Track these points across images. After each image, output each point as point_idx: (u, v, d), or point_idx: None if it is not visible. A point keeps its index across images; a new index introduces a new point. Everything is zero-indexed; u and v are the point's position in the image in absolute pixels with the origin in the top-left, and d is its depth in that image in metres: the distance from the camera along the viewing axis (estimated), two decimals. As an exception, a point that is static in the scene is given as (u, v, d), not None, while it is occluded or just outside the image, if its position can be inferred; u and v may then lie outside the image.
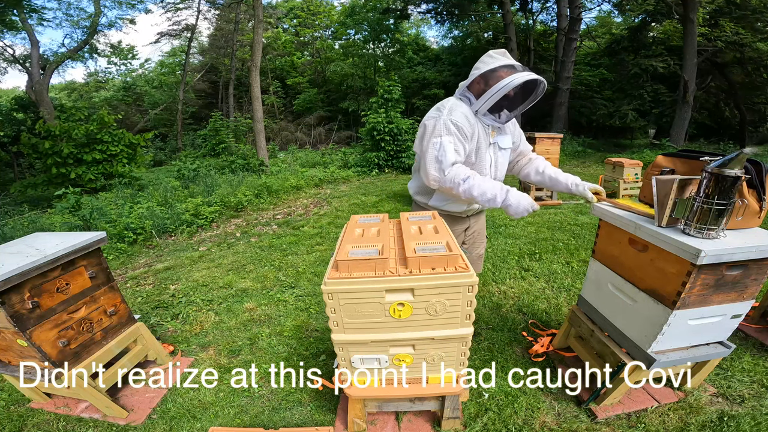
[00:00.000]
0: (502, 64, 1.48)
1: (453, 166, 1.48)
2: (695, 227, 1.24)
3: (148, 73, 20.48)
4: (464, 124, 1.50)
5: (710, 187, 1.19)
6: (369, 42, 17.26)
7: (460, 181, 1.47)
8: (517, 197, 1.46)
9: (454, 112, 1.51)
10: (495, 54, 1.53)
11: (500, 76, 1.46)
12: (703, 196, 1.20)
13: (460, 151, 1.51)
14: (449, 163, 1.48)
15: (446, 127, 1.49)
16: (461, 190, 1.48)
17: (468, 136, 1.52)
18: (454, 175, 1.48)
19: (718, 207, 1.18)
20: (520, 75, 1.43)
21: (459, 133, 1.50)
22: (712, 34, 10.86)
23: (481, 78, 1.52)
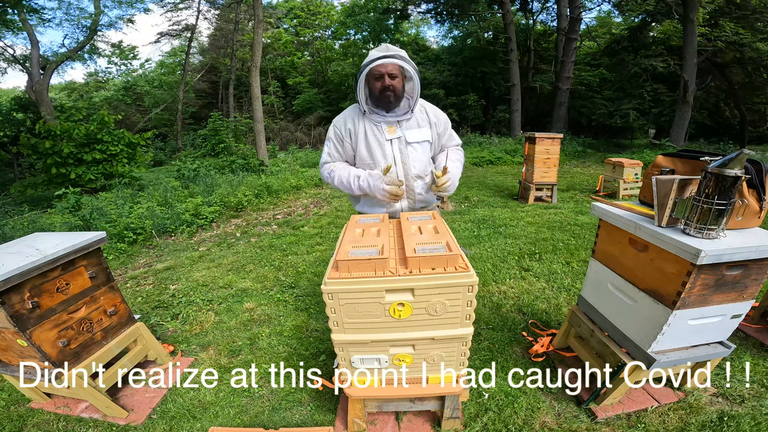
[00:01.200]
0: (372, 57, 1.47)
1: (324, 166, 1.70)
2: (695, 227, 1.23)
3: (148, 73, 20.49)
4: (340, 129, 1.64)
5: (710, 187, 1.18)
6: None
7: (326, 176, 1.68)
8: (367, 179, 1.57)
9: (338, 119, 1.67)
10: (372, 50, 1.52)
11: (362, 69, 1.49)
12: (703, 196, 1.20)
13: (332, 153, 1.69)
14: (321, 163, 1.72)
15: (328, 133, 1.70)
16: (331, 183, 1.67)
17: (344, 140, 1.65)
18: (323, 171, 1.70)
19: (718, 207, 1.18)
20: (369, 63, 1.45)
21: (334, 138, 1.66)
22: (712, 34, 10.86)
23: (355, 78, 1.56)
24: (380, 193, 1.54)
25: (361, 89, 1.53)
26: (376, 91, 1.53)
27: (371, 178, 1.57)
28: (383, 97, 1.54)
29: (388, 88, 1.50)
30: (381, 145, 1.61)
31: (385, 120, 1.60)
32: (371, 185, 1.56)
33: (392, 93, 1.53)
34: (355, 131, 1.62)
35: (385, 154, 1.61)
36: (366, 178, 1.58)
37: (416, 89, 1.57)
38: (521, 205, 5.12)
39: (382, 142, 1.60)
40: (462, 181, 7.24)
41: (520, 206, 5.07)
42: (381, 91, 1.52)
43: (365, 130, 1.60)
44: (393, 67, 1.48)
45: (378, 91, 1.52)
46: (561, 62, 12.46)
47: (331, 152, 1.68)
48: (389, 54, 1.45)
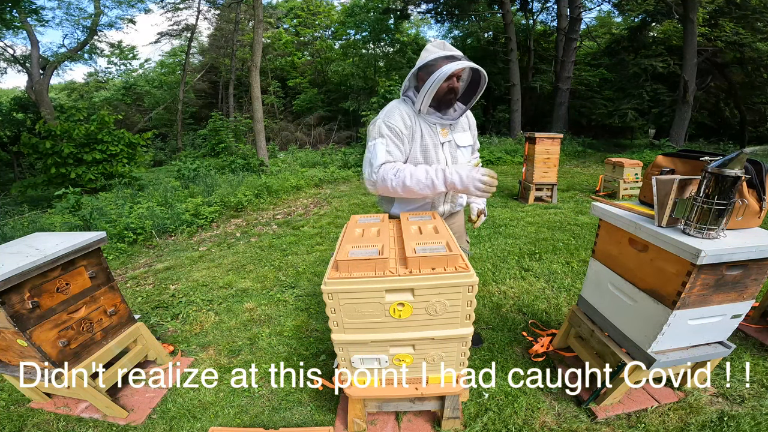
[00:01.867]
0: (439, 55, 1.39)
1: (382, 166, 1.43)
2: (695, 227, 1.24)
3: (148, 73, 20.49)
4: (399, 126, 1.45)
5: (710, 187, 1.18)
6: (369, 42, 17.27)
7: (391, 177, 1.41)
8: (456, 171, 1.36)
9: (391, 115, 1.47)
10: (431, 47, 1.45)
11: (434, 68, 1.38)
12: (703, 196, 1.20)
13: (393, 152, 1.46)
14: (379, 163, 1.43)
15: (379, 130, 1.46)
16: (395, 185, 1.41)
17: (404, 138, 1.47)
18: (384, 172, 1.42)
19: (718, 207, 1.18)
20: (453, 64, 1.35)
21: (392, 135, 1.45)
22: (712, 34, 10.86)
23: (417, 73, 1.46)
24: (475, 186, 1.34)
25: (433, 89, 1.39)
26: (441, 93, 1.44)
27: (462, 169, 1.37)
28: (447, 100, 1.47)
29: (453, 90, 1.46)
30: (435, 147, 1.52)
31: (441, 122, 1.52)
32: (463, 177, 1.35)
33: (454, 95, 1.49)
34: (413, 131, 1.48)
35: (438, 158, 1.53)
36: (455, 171, 1.37)
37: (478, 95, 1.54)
38: (521, 205, 5.12)
39: (437, 144, 1.52)
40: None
41: (520, 206, 5.07)
42: (447, 93, 1.44)
43: (422, 131, 1.49)
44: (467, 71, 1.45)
45: (444, 92, 1.45)
46: (561, 62, 12.46)
47: (390, 150, 1.45)
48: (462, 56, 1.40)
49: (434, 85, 1.38)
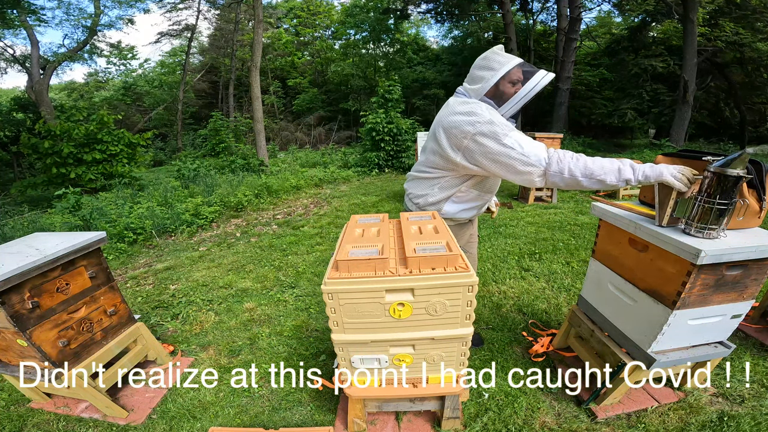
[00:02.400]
0: (518, 62, 1.39)
1: (553, 150, 1.32)
2: (696, 227, 1.23)
3: (148, 73, 20.49)
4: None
5: (712, 186, 1.18)
6: (369, 42, 17.27)
7: (569, 159, 1.28)
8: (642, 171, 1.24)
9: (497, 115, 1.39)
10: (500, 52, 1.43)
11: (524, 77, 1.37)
12: (705, 195, 1.20)
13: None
14: (543, 148, 1.32)
15: (507, 125, 1.36)
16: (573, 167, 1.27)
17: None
18: (560, 155, 1.30)
19: (719, 207, 1.18)
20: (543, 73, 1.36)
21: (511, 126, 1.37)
22: (712, 34, 10.86)
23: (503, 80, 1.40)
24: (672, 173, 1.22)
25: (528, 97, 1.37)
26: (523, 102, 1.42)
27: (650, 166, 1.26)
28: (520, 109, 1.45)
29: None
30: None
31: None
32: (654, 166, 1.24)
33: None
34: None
35: None
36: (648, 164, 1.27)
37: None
38: (521, 205, 5.13)
39: None
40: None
41: (520, 206, 5.07)
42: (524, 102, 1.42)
43: None
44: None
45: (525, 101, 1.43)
46: (561, 62, 12.45)
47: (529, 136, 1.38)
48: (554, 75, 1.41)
49: (531, 92, 1.37)
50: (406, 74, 16.36)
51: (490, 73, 1.41)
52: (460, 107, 1.42)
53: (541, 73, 1.37)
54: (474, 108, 1.39)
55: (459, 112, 1.41)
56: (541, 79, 1.36)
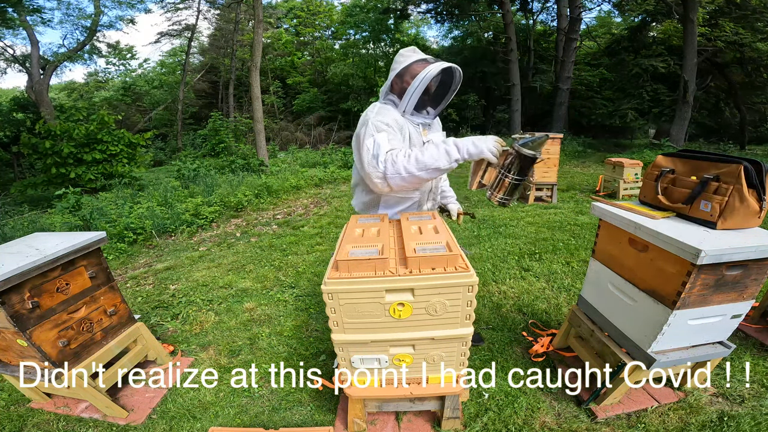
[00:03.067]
0: (415, 59, 1.47)
1: (389, 153, 1.37)
2: (495, 195, 1.39)
3: (147, 73, 20.49)
4: (391, 122, 1.46)
5: (513, 163, 1.32)
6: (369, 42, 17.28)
7: (402, 158, 1.34)
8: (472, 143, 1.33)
9: (382, 114, 1.47)
10: (405, 52, 1.52)
11: (416, 71, 1.44)
12: (506, 170, 1.33)
13: (395, 142, 1.42)
14: (384, 152, 1.37)
15: (376, 127, 1.43)
16: (407, 165, 1.33)
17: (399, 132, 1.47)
18: (393, 157, 1.35)
19: (514, 181, 1.33)
20: (435, 65, 1.42)
21: (389, 129, 1.44)
22: (712, 34, 10.85)
23: (399, 77, 1.50)
24: (489, 149, 1.32)
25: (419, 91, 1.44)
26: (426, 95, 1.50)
27: (472, 137, 1.35)
28: (425, 101, 1.53)
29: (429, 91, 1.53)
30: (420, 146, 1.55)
31: (423, 122, 1.58)
32: (475, 142, 1.32)
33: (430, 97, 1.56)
34: (405, 131, 1.50)
35: None
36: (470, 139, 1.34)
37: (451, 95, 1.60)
38: (521, 205, 5.12)
39: (421, 144, 1.57)
40: (462, 181, 7.23)
41: (520, 206, 5.07)
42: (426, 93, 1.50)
43: (410, 132, 1.53)
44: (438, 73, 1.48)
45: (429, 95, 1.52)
46: (561, 62, 12.45)
47: (392, 139, 1.42)
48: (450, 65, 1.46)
49: (421, 86, 1.44)
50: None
51: (392, 72, 1.51)
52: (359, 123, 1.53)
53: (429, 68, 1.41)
54: (368, 110, 1.52)
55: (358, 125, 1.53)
56: (428, 72, 1.41)
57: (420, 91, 1.44)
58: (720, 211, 1.29)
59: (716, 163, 1.35)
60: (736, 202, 1.26)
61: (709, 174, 1.34)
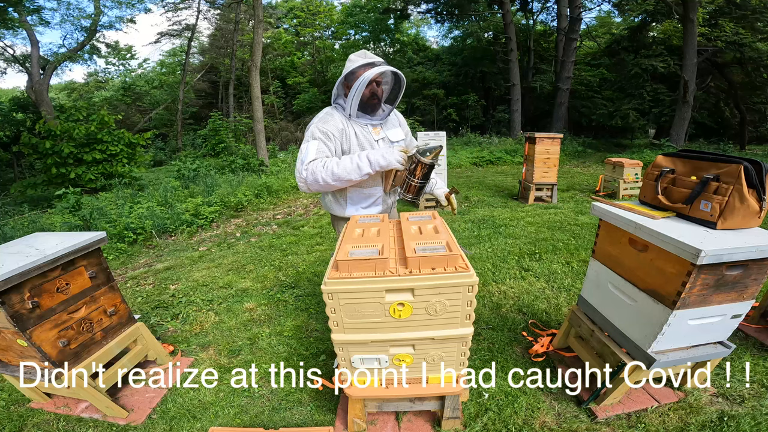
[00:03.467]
0: (360, 64, 1.55)
1: (312, 163, 1.54)
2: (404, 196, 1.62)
3: (147, 73, 20.49)
4: (331, 129, 1.58)
5: (417, 169, 1.53)
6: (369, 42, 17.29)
7: (320, 168, 1.52)
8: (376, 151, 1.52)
9: (324, 120, 1.61)
10: (354, 56, 1.60)
11: (357, 76, 1.54)
12: (411, 175, 1.55)
13: (322, 150, 1.57)
14: (309, 160, 1.55)
15: (312, 134, 1.59)
16: (324, 176, 1.51)
17: (336, 140, 1.59)
18: (313, 167, 1.53)
19: (419, 184, 1.56)
20: (372, 70, 1.51)
21: (324, 137, 1.58)
22: (712, 34, 10.86)
23: (343, 82, 1.61)
24: (397, 160, 1.50)
25: (357, 95, 1.56)
26: (366, 97, 1.60)
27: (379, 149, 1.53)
28: (371, 103, 1.63)
29: (375, 94, 1.62)
30: (371, 144, 1.68)
31: (371, 122, 1.69)
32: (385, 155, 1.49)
33: (377, 99, 1.64)
34: (348, 134, 1.63)
35: None
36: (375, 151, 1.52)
37: (400, 95, 1.73)
38: (521, 205, 5.13)
39: (372, 142, 1.68)
40: (462, 181, 7.24)
41: (520, 206, 5.07)
42: (371, 97, 1.60)
43: (355, 132, 1.65)
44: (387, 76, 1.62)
45: (368, 96, 1.60)
46: (561, 62, 12.45)
47: (321, 149, 1.57)
48: (379, 62, 1.57)
49: (358, 91, 1.54)
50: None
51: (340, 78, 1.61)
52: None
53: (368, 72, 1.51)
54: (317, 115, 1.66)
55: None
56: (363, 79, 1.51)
57: (359, 95, 1.56)
58: (720, 211, 1.29)
59: (716, 163, 1.35)
60: (736, 202, 1.26)
61: (709, 174, 1.35)
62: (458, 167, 9.27)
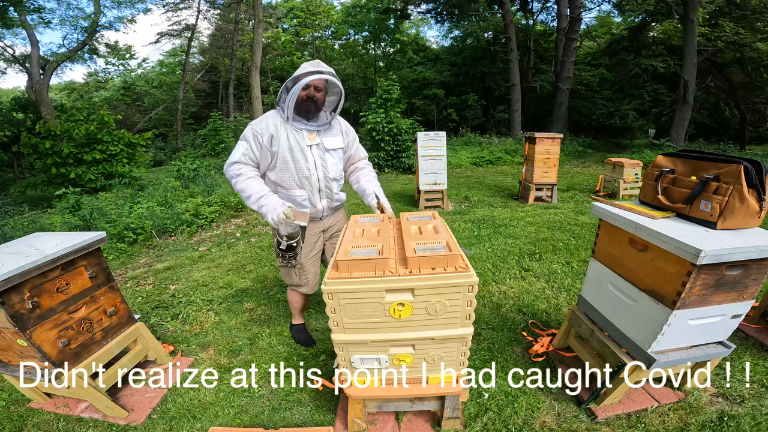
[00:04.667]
0: (306, 71, 1.63)
1: (234, 164, 1.69)
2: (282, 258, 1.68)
3: (147, 73, 20.49)
4: (262, 131, 1.67)
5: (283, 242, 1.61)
6: (369, 42, 17.29)
7: (233, 175, 1.69)
8: (273, 209, 1.59)
9: (260, 121, 1.71)
10: (305, 65, 1.67)
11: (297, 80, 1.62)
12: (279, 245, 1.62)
13: (247, 153, 1.69)
14: (233, 161, 1.70)
15: (245, 134, 1.71)
16: (236, 187, 1.69)
17: (264, 142, 1.68)
18: (233, 171, 1.69)
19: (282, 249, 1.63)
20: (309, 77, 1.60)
21: (253, 140, 1.68)
22: (712, 34, 10.86)
23: (284, 87, 1.69)
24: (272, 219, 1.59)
25: (293, 98, 1.64)
26: (301, 101, 1.67)
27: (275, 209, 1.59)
28: (305, 107, 1.69)
29: (312, 99, 1.68)
30: (302, 149, 1.73)
31: (306, 128, 1.75)
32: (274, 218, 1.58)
33: (314, 104, 1.70)
34: (278, 136, 1.69)
35: (306, 158, 1.74)
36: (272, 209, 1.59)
37: (340, 104, 1.81)
38: (521, 205, 5.13)
39: (303, 147, 1.73)
40: (462, 181, 7.24)
41: (520, 206, 5.07)
42: (305, 102, 1.67)
43: (287, 135, 1.70)
44: (321, 82, 1.68)
45: (302, 100, 1.67)
46: (561, 62, 12.46)
47: (246, 152, 1.69)
48: (322, 70, 1.65)
49: (293, 94, 1.63)
50: (406, 74, 16.37)
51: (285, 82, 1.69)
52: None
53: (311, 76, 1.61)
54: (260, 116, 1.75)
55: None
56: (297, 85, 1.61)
57: (293, 99, 1.64)
58: (720, 211, 1.29)
59: (716, 163, 1.35)
60: (736, 202, 1.26)
61: (709, 174, 1.35)
62: (458, 167, 9.26)
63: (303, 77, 1.61)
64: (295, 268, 1.92)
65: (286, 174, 1.74)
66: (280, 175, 1.75)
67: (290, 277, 1.98)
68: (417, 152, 4.93)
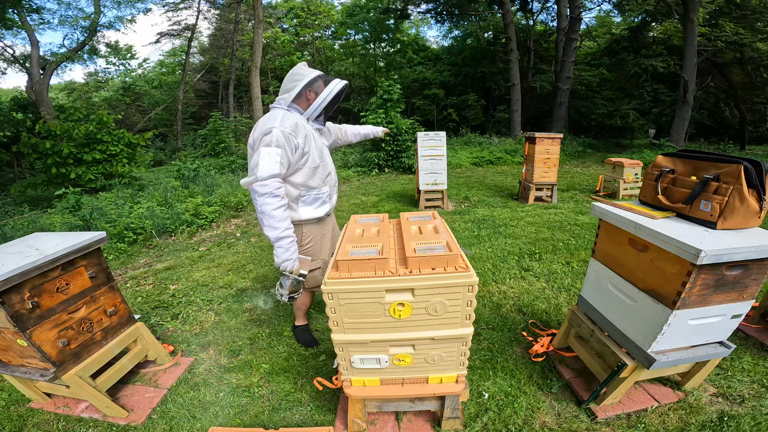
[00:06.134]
0: (318, 74, 1.70)
1: (273, 179, 1.53)
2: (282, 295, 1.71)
3: (147, 73, 20.49)
4: (296, 132, 1.59)
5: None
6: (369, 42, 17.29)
7: (272, 193, 1.52)
8: (285, 248, 1.60)
9: (286, 123, 1.57)
10: (303, 70, 1.72)
11: (323, 84, 1.71)
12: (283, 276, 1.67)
13: (284, 163, 1.56)
14: (272, 173, 1.52)
15: (277, 138, 1.52)
16: (268, 204, 1.52)
17: (299, 145, 1.61)
18: (272, 187, 1.52)
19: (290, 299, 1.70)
20: (338, 81, 1.73)
21: (288, 144, 1.55)
22: (712, 34, 10.86)
23: (306, 88, 1.69)
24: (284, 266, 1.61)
25: (328, 98, 1.70)
26: (330, 102, 1.75)
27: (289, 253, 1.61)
28: (330, 108, 1.80)
29: (337, 101, 1.82)
30: (323, 147, 1.80)
31: (320, 128, 1.87)
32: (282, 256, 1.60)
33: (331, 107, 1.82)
34: (310, 135, 1.69)
35: (324, 156, 1.79)
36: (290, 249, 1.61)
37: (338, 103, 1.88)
38: (521, 205, 5.12)
39: (322, 146, 1.81)
40: (462, 181, 7.24)
41: (520, 206, 5.07)
42: (332, 102, 1.76)
43: (313, 135, 1.72)
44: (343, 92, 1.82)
45: (331, 102, 1.76)
46: (561, 62, 12.45)
47: (283, 161, 1.54)
48: (346, 82, 1.80)
49: (329, 95, 1.70)
50: (406, 74, 16.37)
51: (296, 84, 1.68)
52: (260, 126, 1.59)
53: (335, 82, 1.73)
54: (272, 116, 1.62)
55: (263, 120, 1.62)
56: (335, 86, 1.72)
57: (327, 101, 1.71)
58: (720, 211, 1.29)
59: (716, 163, 1.35)
60: (736, 202, 1.26)
61: (709, 174, 1.35)
62: (458, 167, 9.26)
63: (327, 80, 1.71)
64: (320, 269, 1.91)
65: (316, 173, 1.72)
66: (309, 174, 1.69)
67: (316, 279, 1.93)
68: (417, 152, 4.93)
